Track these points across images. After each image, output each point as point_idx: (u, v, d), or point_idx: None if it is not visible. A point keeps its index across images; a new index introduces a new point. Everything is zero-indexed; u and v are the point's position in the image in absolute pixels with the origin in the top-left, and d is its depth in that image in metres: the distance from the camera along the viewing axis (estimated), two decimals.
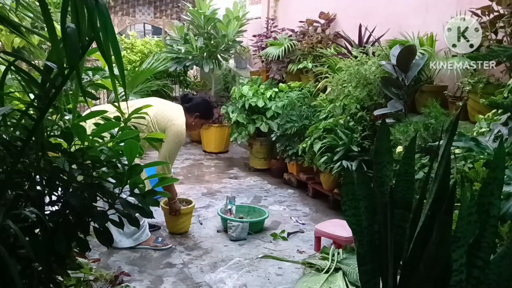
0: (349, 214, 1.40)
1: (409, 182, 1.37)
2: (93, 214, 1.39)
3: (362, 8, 4.76)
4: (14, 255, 1.26)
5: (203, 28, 6.21)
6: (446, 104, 3.35)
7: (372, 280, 1.40)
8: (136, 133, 1.46)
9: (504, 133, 2.18)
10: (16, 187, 1.33)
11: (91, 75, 1.71)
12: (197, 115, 3.27)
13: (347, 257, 2.79)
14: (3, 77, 1.23)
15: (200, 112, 3.29)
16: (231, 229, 3.38)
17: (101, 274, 2.34)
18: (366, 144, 3.84)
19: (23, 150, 1.21)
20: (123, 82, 1.12)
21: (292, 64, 5.20)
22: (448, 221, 1.21)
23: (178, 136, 3.09)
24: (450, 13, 3.35)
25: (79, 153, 1.41)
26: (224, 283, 2.73)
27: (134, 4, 9.61)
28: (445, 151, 1.27)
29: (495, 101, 2.30)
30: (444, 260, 1.21)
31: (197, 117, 3.28)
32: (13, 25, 1.29)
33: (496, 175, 1.21)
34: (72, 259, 1.63)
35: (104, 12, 1.02)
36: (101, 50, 1.06)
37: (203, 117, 3.33)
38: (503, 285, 1.20)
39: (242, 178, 5.11)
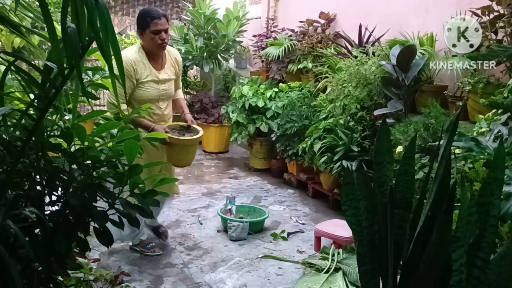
0: (349, 214, 1.40)
1: (409, 182, 1.37)
2: (93, 214, 1.39)
3: (362, 8, 4.76)
4: (14, 255, 1.26)
5: (203, 28, 6.21)
6: (446, 104, 3.35)
7: (372, 280, 1.40)
8: (136, 133, 1.46)
9: (504, 133, 2.18)
10: (16, 187, 1.33)
11: (91, 75, 1.71)
12: (139, 31, 2.76)
13: (347, 257, 2.79)
14: (3, 77, 1.23)
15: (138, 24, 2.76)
16: (231, 229, 3.38)
17: (101, 274, 2.34)
18: (366, 144, 3.84)
19: (23, 150, 1.21)
20: (123, 82, 1.12)
21: (292, 64, 5.19)
22: (448, 221, 1.21)
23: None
24: (450, 13, 3.35)
25: (79, 153, 1.41)
26: (224, 283, 2.73)
27: (134, 4, 9.61)
28: (445, 151, 1.27)
29: (495, 101, 2.30)
30: (444, 260, 1.21)
31: (140, 32, 2.74)
32: (13, 25, 1.29)
33: (496, 175, 1.21)
34: (72, 259, 1.63)
35: (104, 12, 1.02)
36: (101, 50, 1.06)
37: (141, 27, 2.73)
38: (503, 285, 1.20)
39: (242, 178, 5.11)
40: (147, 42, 2.73)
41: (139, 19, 2.75)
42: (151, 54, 2.79)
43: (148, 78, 2.75)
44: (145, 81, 2.73)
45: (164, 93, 2.86)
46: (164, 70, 2.86)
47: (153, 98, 2.80)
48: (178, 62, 3.07)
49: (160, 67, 2.85)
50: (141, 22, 2.73)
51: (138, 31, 2.78)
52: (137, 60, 2.70)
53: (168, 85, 2.91)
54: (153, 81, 2.78)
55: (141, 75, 2.71)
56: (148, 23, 2.69)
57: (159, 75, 2.81)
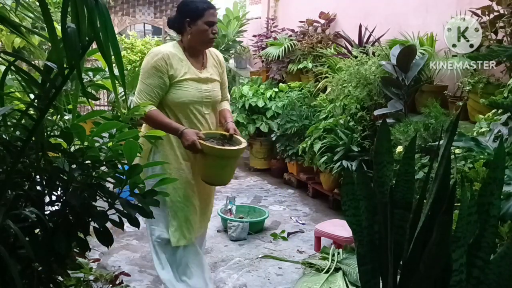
0: (349, 214, 1.40)
1: (409, 182, 1.37)
2: (93, 214, 1.39)
3: (362, 8, 4.76)
4: (14, 255, 1.26)
5: None
6: (446, 104, 3.35)
7: (372, 280, 1.40)
8: (136, 133, 1.46)
9: (504, 133, 2.18)
10: (16, 187, 1.33)
11: (91, 75, 1.71)
12: (187, 21, 2.23)
13: (347, 257, 2.79)
14: (3, 77, 1.23)
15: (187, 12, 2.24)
16: (231, 229, 3.38)
17: (101, 274, 2.34)
18: (366, 144, 3.84)
19: (23, 150, 1.21)
20: (123, 82, 1.12)
21: (292, 64, 5.20)
22: (448, 221, 1.21)
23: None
24: (450, 13, 3.35)
25: (79, 153, 1.41)
26: (224, 283, 2.73)
27: (134, 4, 9.61)
28: (445, 151, 1.27)
29: (495, 101, 2.30)
30: (444, 260, 1.21)
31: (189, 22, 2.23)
32: (13, 25, 1.29)
33: (496, 175, 1.21)
34: (72, 259, 1.63)
35: (104, 12, 1.02)
36: (101, 50, 1.06)
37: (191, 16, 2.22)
38: (503, 285, 1.20)
39: (242, 178, 5.11)
40: (195, 35, 2.22)
41: (188, 7, 2.23)
42: (191, 51, 2.29)
43: (187, 76, 2.23)
44: (183, 79, 2.22)
45: (207, 94, 2.30)
46: (206, 69, 2.35)
47: (195, 101, 2.26)
48: (221, 63, 2.50)
49: (201, 66, 2.33)
50: (192, 11, 2.21)
51: (182, 22, 2.23)
52: (172, 54, 2.21)
53: (212, 86, 2.35)
54: (193, 79, 2.25)
55: (176, 71, 2.21)
56: (201, 12, 2.21)
57: (200, 74, 2.30)
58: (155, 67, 2.16)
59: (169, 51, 2.22)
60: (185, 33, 2.24)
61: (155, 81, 2.16)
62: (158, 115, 2.18)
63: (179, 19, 2.25)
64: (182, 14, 2.24)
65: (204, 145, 2.10)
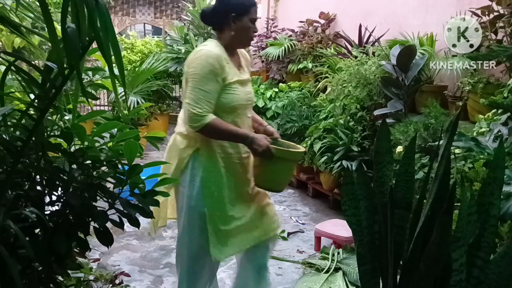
0: (349, 214, 1.40)
1: (409, 182, 1.37)
2: (93, 214, 1.39)
3: (362, 8, 4.76)
4: (14, 255, 1.26)
5: (203, 28, 6.22)
6: (446, 104, 3.35)
7: (372, 280, 1.40)
8: (136, 133, 1.46)
9: (504, 133, 2.18)
10: (16, 187, 1.33)
11: (91, 75, 1.71)
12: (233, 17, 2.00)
13: (347, 257, 2.79)
14: (3, 77, 1.23)
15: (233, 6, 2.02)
16: None
17: (101, 274, 2.34)
18: (366, 144, 3.84)
19: (23, 150, 1.21)
20: (123, 82, 1.12)
21: (292, 64, 5.20)
22: (448, 221, 1.21)
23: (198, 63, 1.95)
24: (450, 13, 3.35)
25: (79, 153, 1.41)
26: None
27: (134, 4, 9.61)
28: (445, 151, 1.27)
29: (495, 101, 2.30)
30: (444, 260, 1.21)
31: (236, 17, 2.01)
32: (13, 25, 1.29)
33: (496, 175, 1.21)
34: (72, 259, 1.63)
35: (104, 12, 1.02)
36: (101, 50, 1.06)
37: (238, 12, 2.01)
38: (503, 285, 1.20)
39: None
40: (238, 32, 2.03)
41: (235, 2, 2.04)
42: (230, 50, 2.08)
43: (234, 78, 2.03)
44: (232, 81, 2.02)
45: (250, 97, 2.14)
46: (243, 69, 2.16)
47: (243, 104, 2.08)
48: (251, 63, 2.32)
49: (239, 66, 2.14)
50: (239, 6, 2.02)
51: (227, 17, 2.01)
52: (222, 56, 2.00)
53: (251, 88, 2.20)
54: (238, 82, 2.07)
55: (227, 74, 2.00)
56: (248, 8, 2.04)
57: (241, 75, 2.11)
58: (212, 70, 1.92)
59: (218, 51, 1.99)
60: (227, 29, 2.02)
61: (213, 86, 1.92)
62: (222, 123, 1.93)
63: (222, 13, 2.02)
64: (226, 8, 2.02)
65: (277, 149, 1.99)
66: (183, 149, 2.00)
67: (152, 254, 3.10)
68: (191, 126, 1.90)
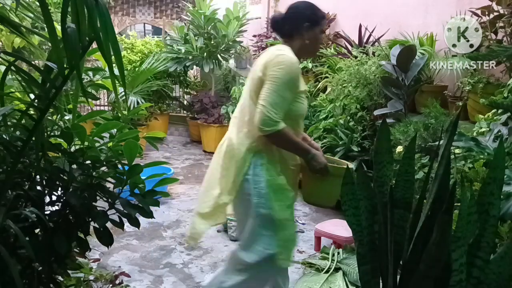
0: (349, 214, 1.40)
1: (409, 182, 1.37)
2: (93, 214, 1.39)
3: (362, 8, 4.76)
4: (14, 255, 1.26)
5: (203, 28, 6.21)
6: (446, 104, 3.35)
7: (372, 280, 1.40)
8: (135, 133, 1.46)
9: (504, 133, 2.18)
10: (16, 187, 1.33)
11: (91, 75, 1.71)
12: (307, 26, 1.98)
13: (347, 257, 2.79)
14: (4, 77, 1.23)
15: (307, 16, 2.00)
16: (231, 229, 3.38)
17: (101, 274, 2.34)
18: (366, 144, 3.84)
19: (23, 150, 1.21)
20: (123, 82, 1.12)
21: None
22: (448, 221, 1.21)
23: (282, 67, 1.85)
24: (450, 13, 3.35)
25: (79, 153, 1.41)
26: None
27: (134, 4, 9.61)
28: (445, 151, 1.27)
29: (495, 101, 2.30)
30: (444, 260, 1.21)
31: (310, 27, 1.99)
32: (13, 25, 1.29)
33: (496, 175, 1.21)
34: (72, 259, 1.63)
35: (104, 12, 1.02)
36: (101, 50, 1.06)
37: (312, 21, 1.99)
38: (503, 285, 1.20)
39: None
40: (310, 41, 2.00)
41: (310, 11, 2.02)
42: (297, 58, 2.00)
43: (303, 88, 1.98)
44: (302, 90, 1.98)
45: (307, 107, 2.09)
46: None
47: (303, 114, 2.06)
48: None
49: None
50: (313, 16, 2.01)
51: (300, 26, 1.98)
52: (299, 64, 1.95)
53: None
54: (304, 91, 2.03)
55: (300, 83, 1.95)
56: (320, 20, 2.02)
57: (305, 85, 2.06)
58: (293, 78, 1.86)
59: (296, 59, 1.92)
60: (299, 38, 1.98)
61: (290, 94, 1.85)
62: (291, 133, 1.88)
63: (295, 21, 1.99)
64: (300, 17, 2.00)
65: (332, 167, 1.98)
66: (244, 152, 1.89)
67: (152, 254, 3.10)
68: (262, 129, 1.80)
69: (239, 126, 1.96)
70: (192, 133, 6.84)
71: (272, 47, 2.01)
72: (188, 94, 7.41)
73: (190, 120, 6.81)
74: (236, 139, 1.94)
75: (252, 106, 1.88)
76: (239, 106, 2.04)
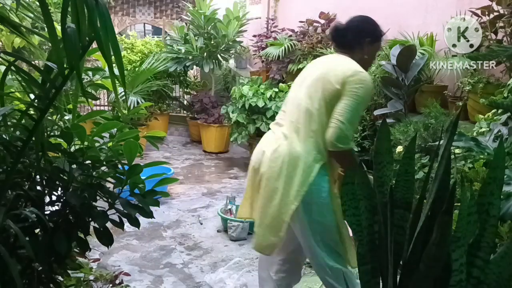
0: (349, 214, 1.40)
1: (409, 182, 1.37)
2: (93, 214, 1.39)
3: (362, 8, 4.76)
4: (14, 255, 1.26)
5: (203, 28, 6.21)
6: (446, 104, 3.35)
7: (372, 280, 1.40)
8: (135, 133, 1.46)
9: (504, 133, 2.18)
10: (16, 187, 1.33)
11: (91, 75, 1.71)
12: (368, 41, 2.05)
13: None
14: (3, 77, 1.23)
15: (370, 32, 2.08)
16: (231, 229, 3.38)
17: (101, 274, 2.34)
18: (366, 144, 3.84)
19: (23, 150, 1.21)
20: (123, 82, 1.11)
21: (292, 64, 5.20)
22: (448, 221, 1.21)
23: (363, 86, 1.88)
24: (450, 13, 3.35)
25: (79, 153, 1.41)
26: (224, 283, 2.73)
27: (134, 4, 9.61)
28: (445, 151, 1.27)
29: (495, 101, 2.30)
30: (444, 260, 1.21)
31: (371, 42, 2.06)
32: (13, 25, 1.29)
33: (496, 175, 1.21)
34: (72, 259, 1.63)
35: (104, 12, 1.02)
36: (101, 50, 1.06)
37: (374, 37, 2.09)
38: (503, 285, 1.20)
39: (242, 178, 5.11)
40: (368, 56, 2.06)
41: (372, 27, 2.11)
42: None
43: None
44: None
45: None
46: None
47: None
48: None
49: None
50: (375, 33, 2.09)
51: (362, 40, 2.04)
52: None
53: None
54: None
55: None
56: (380, 37, 2.10)
57: None
58: (370, 98, 1.95)
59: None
60: (359, 51, 2.02)
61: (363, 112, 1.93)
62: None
63: (358, 34, 2.04)
64: (364, 32, 2.07)
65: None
66: (311, 161, 1.86)
67: (152, 254, 3.10)
68: (336, 145, 1.80)
69: (305, 134, 1.91)
70: (192, 133, 6.85)
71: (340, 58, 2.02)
72: (188, 94, 7.41)
73: (190, 120, 6.81)
74: (303, 147, 1.90)
75: (322, 116, 1.87)
76: (295, 109, 1.99)
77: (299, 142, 1.90)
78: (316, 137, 1.87)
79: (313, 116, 1.88)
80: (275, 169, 1.90)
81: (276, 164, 1.90)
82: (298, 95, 2.00)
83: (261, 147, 2.05)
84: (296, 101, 2.00)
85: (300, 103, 1.95)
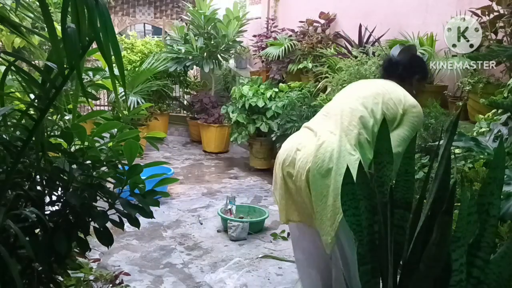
0: (349, 214, 1.40)
1: (409, 182, 1.37)
2: (93, 214, 1.39)
3: (362, 8, 4.76)
4: (14, 255, 1.26)
5: (203, 28, 6.22)
6: (446, 104, 3.35)
7: (372, 280, 1.40)
8: (135, 133, 1.46)
9: (504, 133, 2.18)
10: (16, 187, 1.33)
11: (91, 75, 1.71)
12: (417, 78, 2.26)
13: None
14: (4, 77, 1.23)
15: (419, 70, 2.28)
16: (231, 229, 3.38)
17: (101, 274, 2.34)
18: None
19: (23, 150, 1.21)
20: (123, 82, 1.11)
21: (292, 64, 5.20)
22: (448, 221, 1.21)
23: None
24: (450, 13, 3.35)
25: (79, 153, 1.41)
26: (224, 283, 2.73)
27: (134, 4, 9.60)
28: (445, 151, 1.27)
29: (495, 101, 2.30)
30: (444, 260, 1.21)
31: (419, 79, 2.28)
32: (13, 25, 1.29)
33: (496, 175, 1.21)
34: (72, 259, 1.63)
35: (104, 12, 1.02)
36: (101, 50, 1.05)
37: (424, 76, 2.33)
38: (503, 285, 1.20)
39: (242, 178, 5.11)
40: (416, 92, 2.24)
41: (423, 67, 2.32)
42: None
43: None
44: None
45: None
46: None
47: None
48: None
49: None
50: (424, 72, 2.32)
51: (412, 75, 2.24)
52: None
53: None
54: None
55: None
56: (426, 79, 2.37)
57: None
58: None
59: None
60: (408, 85, 2.20)
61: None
62: None
63: (410, 69, 2.23)
64: (416, 69, 2.26)
65: None
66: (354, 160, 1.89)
67: (152, 254, 3.10)
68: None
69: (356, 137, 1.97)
70: (192, 133, 6.85)
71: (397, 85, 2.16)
72: (188, 94, 7.41)
73: (190, 120, 6.81)
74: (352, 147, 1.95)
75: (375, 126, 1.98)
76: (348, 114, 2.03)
77: (347, 142, 1.95)
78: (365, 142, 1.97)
79: (368, 124, 1.99)
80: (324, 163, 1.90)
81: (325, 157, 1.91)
82: (350, 101, 2.10)
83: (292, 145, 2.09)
84: (348, 106, 2.07)
85: (355, 109, 2.04)
